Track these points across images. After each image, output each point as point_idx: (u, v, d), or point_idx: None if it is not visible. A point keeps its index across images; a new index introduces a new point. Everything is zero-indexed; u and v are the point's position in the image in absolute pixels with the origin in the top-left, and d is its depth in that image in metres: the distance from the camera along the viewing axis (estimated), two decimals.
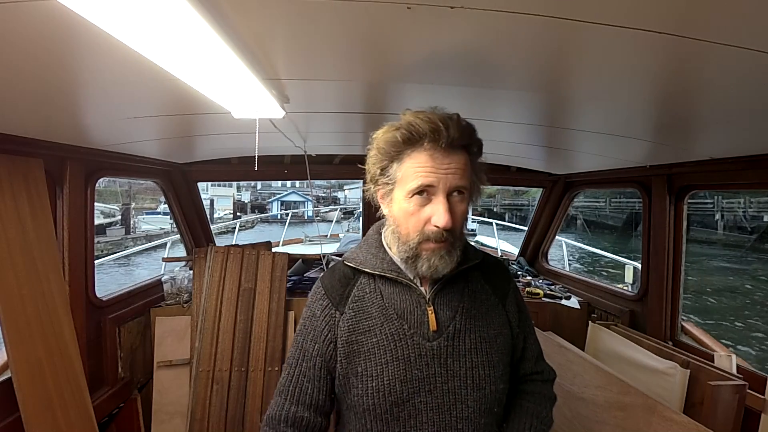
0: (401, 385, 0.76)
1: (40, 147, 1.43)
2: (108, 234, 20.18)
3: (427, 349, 0.78)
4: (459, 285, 0.84)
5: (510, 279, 0.93)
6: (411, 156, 0.73)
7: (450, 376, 0.77)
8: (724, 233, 20.71)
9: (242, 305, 2.19)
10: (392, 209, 0.79)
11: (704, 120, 1.22)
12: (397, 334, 0.78)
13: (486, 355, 0.80)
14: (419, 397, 0.76)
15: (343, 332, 0.80)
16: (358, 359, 0.79)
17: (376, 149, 0.77)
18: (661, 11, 0.60)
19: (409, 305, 0.80)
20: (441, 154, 0.72)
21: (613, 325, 2.12)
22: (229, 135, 1.81)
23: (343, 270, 0.87)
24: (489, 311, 0.85)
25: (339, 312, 0.82)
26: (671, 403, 1.57)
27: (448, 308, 0.81)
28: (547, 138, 1.82)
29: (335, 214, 14.89)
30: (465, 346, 0.79)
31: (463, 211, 0.76)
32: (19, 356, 1.30)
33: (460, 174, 0.73)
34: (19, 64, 0.81)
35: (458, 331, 0.80)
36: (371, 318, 0.80)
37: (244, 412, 2.10)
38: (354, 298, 0.83)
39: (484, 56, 0.87)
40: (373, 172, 0.79)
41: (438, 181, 0.72)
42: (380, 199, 0.81)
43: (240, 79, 0.89)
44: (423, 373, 0.77)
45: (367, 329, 0.80)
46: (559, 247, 4.27)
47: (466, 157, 0.75)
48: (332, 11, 0.66)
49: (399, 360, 0.77)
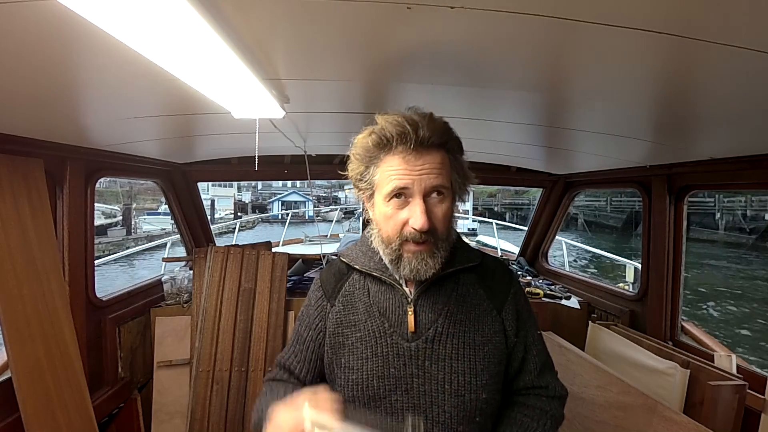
0: (378, 381, 0.77)
1: (40, 147, 1.43)
2: (109, 234, 20.19)
3: (405, 349, 0.78)
4: (446, 288, 0.82)
5: (511, 284, 0.87)
6: (384, 160, 0.74)
7: (427, 379, 0.77)
8: (725, 232, 20.69)
9: (242, 305, 2.19)
10: (374, 213, 0.80)
11: (704, 120, 1.22)
12: (378, 331, 0.80)
13: (468, 362, 0.78)
14: (395, 396, 0.77)
15: (332, 323, 0.84)
16: (342, 351, 0.81)
17: (353, 155, 0.78)
18: (661, 11, 0.60)
19: (391, 304, 0.81)
20: (413, 155, 0.71)
21: (613, 325, 2.12)
22: (229, 135, 1.81)
23: (339, 265, 0.91)
24: (479, 317, 0.81)
25: (330, 304, 0.86)
26: (671, 403, 1.57)
27: (431, 311, 0.80)
28: (547, 138, 1.82)
29: (335, 214, 14.89)
30: (445, 351, 0.78)
31: (444, 211, 0.75)
32: (19, 356, 1.30)
33: (436, 173, 0.72)
34: (19, 64, 0.81)
35: (439, 335, 0.78)
36: (357, 313, 0.83)
37: (244, 412, 2.10)
38: (344, 293, 0.86)
39: (484, 56, 0.87)
40: (354, 178, 0.80)
41: (413, 183, 0.72)
42: (365, 203, 0.82)
43: (240, 79, 0.89)
44: (400, 373, 0.77)
45: (353, 324, 0.82)
46: (558, 249, 4.27)
47: (442, 155, 0.74)
48: (332, 11, 0.66)
49: (378, 357, 0.78)
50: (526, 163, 2.63)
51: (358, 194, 0.83)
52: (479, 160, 2.63)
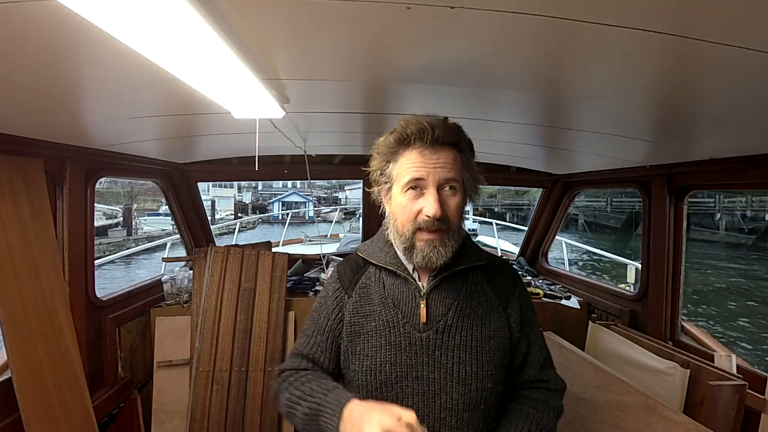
0: (391, 367, 0.83)
1: (40, 147, 1.43)
2: (110, 235, 20.16)
3: (416, 339, 0.84)
4: (457, 283, 0.88)
5: (516, 283, 0.94)
6: (403, 155, 0.82)
7: (436, 367, 0.83)
8: (726, 233, 20.65)
9: (242, 305, 2.19)
10: (391, 205, 0.87)
11: (704, 120, 1.22)
12: (391, 321, 0.86)
13: (475, 353, 0.84)
14: (407, 382, 0.83)
15: (349, 313, 0.91)
16: (358, 339, 0.88)
17: (376, 153, 0.87)
18: (661, 11, 0.60)
19: (405, 297, 0.88)
20: (429, 150, 0.80)
21: (613, 325, 2.12)
22: (229, 135, 1.81)
23: (356, 259, 0.98)
24: (487, 312, 0.87)
25: (347, 295, 0.93)
26: (671, 403, 1.57)
27: (442, 304, 0.86)
28: (546, 138, 1.82)
29: (335, 215, 14.90)
30: (454, 342, 0.83)
31: (456, 203, 0.82)
32: (19, 356, 1.30)
33: (448, 168, 0.80)
34: (20, 64, 0.81)
35: (449, 327, 0.84)
36: (372, 304, 0.89)
37: (244, 412, 2.09)
38: (361, 285, 0.93)
39: (484, 56, 0.87)
40: (375, 174, 0.88)
41: (427, 175, 0.80)
42: (383, 197, 0.90)
43: (240, 79, 0.89)
44: (411, 360, 0.83)
45: (368, 314, 0.89)
46: (559, 250, 4.27)
47: (454, 153, 0.83)
48: (332, 11, 0.66)
49: (391, 345, 0.84)
50: (526, 163, 2.63)
51: (376, 190, 0.90)
52: (479, 160, 2.61)
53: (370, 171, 0.90)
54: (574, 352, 1.90)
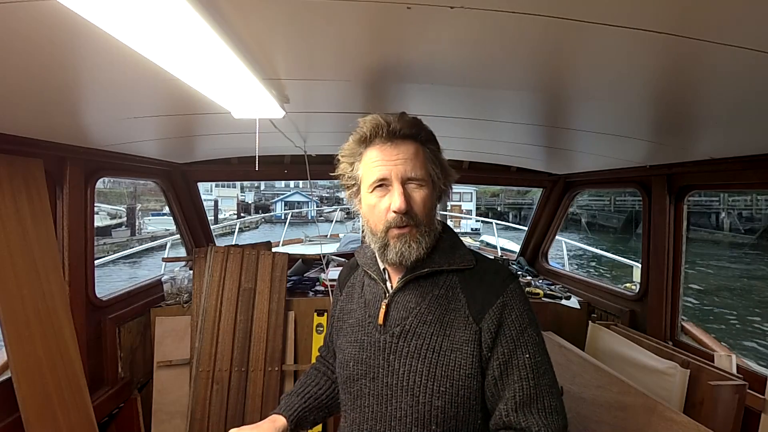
0: (354, 364, 0.85)
1: (40, 147, 1.43)
2: (114, 235, 20.11)
3: (375, 340, 0.84)
4: (424, 288, 0.82)
5: (501, 294, 0.79)
6: (365, 154, 0.82)
7: (390, 371, 0.80)
8: (731, 233, 20.57)
9: (242, 305, 2.19)
10: (362, 207, 0.86)
11: (704, 120, 1.22)
12: (361, 319, 0.88)
13: (428, 364, 0.76)
14: (365, 381, 0.83)
15: (338, 310, 0.98)
16: (339, 334, 0.93)
17: (341, 156, 0.86)
18: (661, 11, 0.60)
19: (374, 297, 0.88)
20: (389, 146, 0.79)
21: (613, 325, 2.12)
22: (229, 135, 1.81)
23: (353, 261, 1.01)
24: (451, 322, 0.78)
25: (340, 293, 1.00)
26: (671, 403, 1.57)
27: (403, 308, 0.83)
28: (547, 138, 1.82)
29: (336, 214, 14.88)
30: (408, 348, 0.79)
31: (423, 197, 0.79)
32: (19, 356, 1.30)
33: (411, 162, 0.79)
34: (19, 64, 0.81)
35: (405, 332, 0.80)
36: (353, 302, 0.93)
37: (244, 413, 2.10)
38: (349, 284, 0.98)
39: (484, 56, 0.87)
40: (343, 177, 0.87)
41: (390, 172, 0.78)
42: (354, 199, 0.88)
43: (240, 79, 0.89)
44: (371, 360, 0.83)
45: (349, 311, 0.93)
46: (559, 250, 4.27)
47: (416, 146, 0.80)
48: (332, 11, 0.66)
49: (356, 342, 0.86)
50: (526, 163, 2.63)
51: (347, 193, 0.89)
52: (479, 160, 2.63)
53: (338, 176, 0.88)
54: (574, 352, 1.90)
